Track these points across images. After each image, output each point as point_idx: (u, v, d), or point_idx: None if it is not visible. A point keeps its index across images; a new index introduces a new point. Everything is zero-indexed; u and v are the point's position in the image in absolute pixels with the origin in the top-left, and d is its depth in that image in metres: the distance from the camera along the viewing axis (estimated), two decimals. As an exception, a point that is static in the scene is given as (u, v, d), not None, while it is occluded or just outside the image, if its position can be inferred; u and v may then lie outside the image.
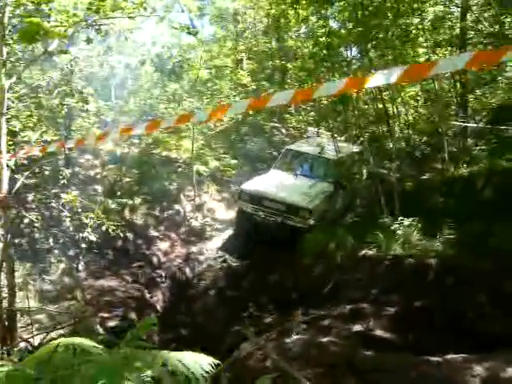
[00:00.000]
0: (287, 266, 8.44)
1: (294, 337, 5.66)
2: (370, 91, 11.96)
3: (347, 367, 4.45)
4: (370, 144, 10.09)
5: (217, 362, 2.08)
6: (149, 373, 1.76)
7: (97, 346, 1.97)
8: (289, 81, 14.65)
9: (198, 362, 1.96)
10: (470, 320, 5.44)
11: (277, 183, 10.06)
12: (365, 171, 9.99)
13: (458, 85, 11.84)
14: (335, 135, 11.13)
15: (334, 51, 9.89)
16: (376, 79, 2.82)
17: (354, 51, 10.58)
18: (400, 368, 4.38)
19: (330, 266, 7.69)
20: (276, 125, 15.72)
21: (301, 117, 15.65)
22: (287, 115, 15.73)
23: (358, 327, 5.86)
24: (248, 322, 6.92)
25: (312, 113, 14.96)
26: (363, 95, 12.15)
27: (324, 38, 9.95)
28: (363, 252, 7.46)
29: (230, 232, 10.74)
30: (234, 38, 15.25)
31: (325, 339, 5.47)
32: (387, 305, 6.08)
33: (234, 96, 13.48)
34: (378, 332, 5.70)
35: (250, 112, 13.65)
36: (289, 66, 14.32)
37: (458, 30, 11.02)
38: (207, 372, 1.95)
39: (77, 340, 1.96)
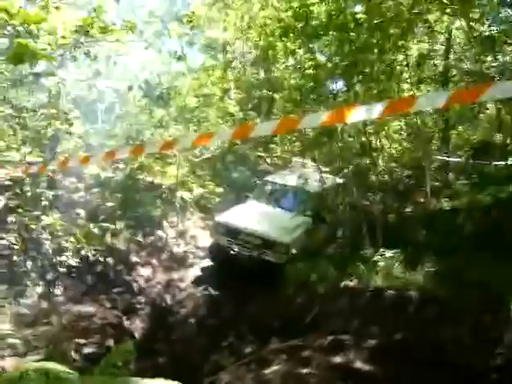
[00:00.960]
0: (268, 296, 8.38)
1: (274, 368, 5.60)
2: (354, 124, 12.13)
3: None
4: (353, 176, 10.17)
5: None
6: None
7: (70, 371, 1.93)
8: (275, 111, 14.79)
9: None
10: (450, 353, 5.41)
11: (253, 215, 9.91)
12: (346, 203, 10.04)
13: (441, 121, 12.07)
14: (320, 166, 11.21)
15: (321, 84, 10.05)
16: (359, 113, 2.87)
17: (340, 84, 10.74)
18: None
19: (312, 296, 7.66)
20: (261, 154, 15.80)
21: (286, 147, 15.76)
22: (273, 145, 15.84)
23: (338, 359, 5.81)
24: (227, 351, 6.83)
25: (297, 143, 15.06)
26: (348, 128, 12.29)
27: (311, 71, 10.13)
28: (345, 283, 7.45)
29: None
30: (223, 67, 15.41)
31: (304, 370, 5.41)
32: (368, 337, 6.05)
33: (221, 124, 13.57)
34: (358, 364, 5.65)
35: (236, 141, 13.75)
36: (276, 96, 14.48)
37: (441, 68, 11.28)
38: None
39: (49, 365, 1.91)
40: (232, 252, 9.45)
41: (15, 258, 8.43)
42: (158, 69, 12.79)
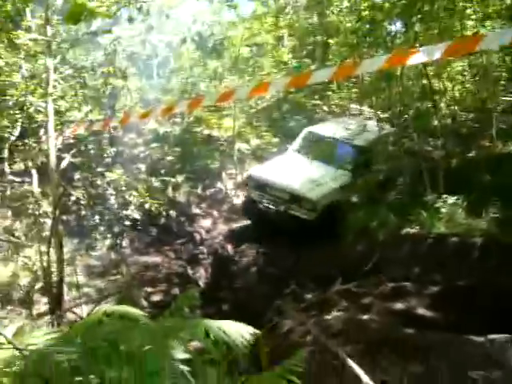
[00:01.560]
0: (328, 244, 8.41)
1: (335, 314, 5.67)
2: (414, 67, 11.67)
3: (388, 345, 4.42)
4: (414, 121, 9.86)
5: (257, 331, 2.12)
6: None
7: (142, 313, 2.05)
8: (330, 57, 14.41)
9: (239, 331, 2.01)
10: (515, 299, 5.30)
11: (287, 169, 9.58)
12: (406, 149, 9.75)
13: (508, 59, 11.40)
14: (378, 112, 10.93)
15: (378, 26, 9.66)
16: (419, 56, 2.76)
17: (399, 25, 10.29)
18: (442, 347, 4.33)
19: (372, 244, 7.63)
20: (318, 102, 15.53)
21: (343, 94, 15.40)
22: (329, 92, 15.51)
23: (399, 305, 5.81)
24: (289, 298, 6.96)
25: (355, 89, 14.69)
26: (407, 71, 11.86)
27: (367, 12, 9.75)
28: (406, 230, 7.36)
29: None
30: (275, 14, 15.04)
31: (365, 317, 5.45)
32: (430, 284, 5.99)
33: (276, 73, 13.37)
34: (420, 311, 5.63)
35: (292, 89, 13.56)
36: (331, 42, 14.07)
37: (508, 1, 10.55)
38: (247, 341, 2.01)
39: (123, 308, 2.04)
40: (261, 207, 9.31)
41: (83, 212, 8.85)
42: (210, 20, 12.67)
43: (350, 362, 3.13)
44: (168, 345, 1.70)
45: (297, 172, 9.43)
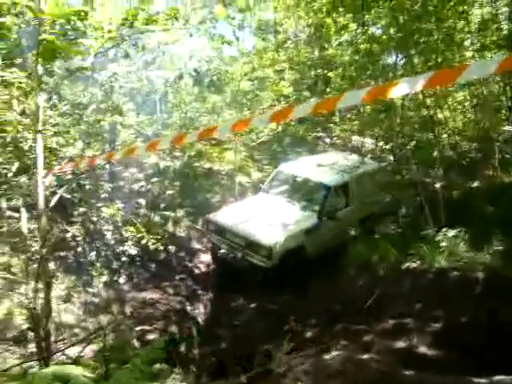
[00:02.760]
0: (329, 279, 8.25)
1: (334, 353, 5.49)
2: (414, 97, 11.68)
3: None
4: (415, 151, 9.78)
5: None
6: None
7: (87, 375, 1.90)
8: (329, 90, 14.45)
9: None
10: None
11: (248, 212, 9.10)
12: (406, 181, 9.63)
13: (508, 88, 11.38)
14: (380, 143, 10.88)
15: (375, 58, 9.70)
16: (401, 87, 2.68)
17: (399, 57, 10.33)
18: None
19: (373, 278, 7.46)
20: (319, 134, 15.55)
21: (345, 126, 15.43)
22: (331, 124, 15.54)
23: (400, 343, 5.64)
24: (288, 336, 6.76)
25: (356, 121, 14.70)
26: (408, 102, 11.87)
27: (364, 45, 9.79)
28: (407, 264, 7.19)
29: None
30: (275, 48, 15.22)
31: (365, 356, 5.27)
32: (431, 320, 5.82)
33: (276, 106, 13.41)
34: (422, 349, 5.46)
35: (292, 122, 13.58)
36: (331, 75, 14.15)
37: (505, 32, 10.58)
38: None
39: (61, 369, 1.90)
40: (221, 252, 8.98)
41: (79, 249, 8.74)
42: (209, 55, 12.80)
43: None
44: None
45: (258, 215, 8.95)
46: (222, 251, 8.95)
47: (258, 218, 8.85)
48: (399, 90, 2.66)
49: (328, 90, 14.30)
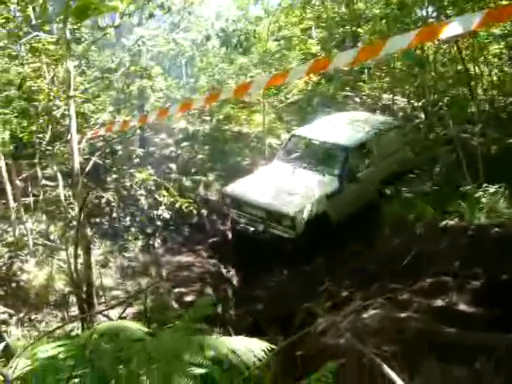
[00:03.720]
0: (364, 238, 8.17)
1: (371, 312, 5.46)
2: (448, 51, 11.29)
3: (428, 345, 4.19)
4: (449, 108, 9.49)
5: (273, 346, 1.90)
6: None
7: (144, 330, 1.89)
8: (360, 45, 14.03)
9: (251, 348, 1.79)
10: None
11: (266, 182, 8.74)
12: (442, 137, 9.37)
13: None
14: (411, 101, 10.61)
15: (408, 10, 9.35)
16: (453, 27, 2.50)
17: (430, 9, 9.93)
18: (488, 348, 4.06)
19: (409, 237, 7.35)
20: (349, 94, 15.22)
21: (375, 84, 15.04)
22: (360, 83, 15.18)
23: (439, 302, 5.55)
24: (324, 296, 6.76)
25: (387, 79, 14.31)
26: (441, 56, 11.50)
27: (396, -3, 9.46)
28: (444, 222, 7.04)
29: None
30: (302, 6, 14.77)
31: (403, 314, 5.22)
32: (471, 278, 5.70)
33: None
34: (462, 307, 5.36)
35: (322, 82, 13.30)
36: (359, 30, 13.73)
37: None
38: (260, 359, 1.77)
39: (121, 324, 1.90)
40: (239, 227, 8.58)
41: (115, 214, 8.87)
42: (235, 15, 12.53)
43: (387, 369, 2.91)
44: (166, 372, 1.52)
45: (275, 185, 8.60)
46: (242, 225, 8.56)
47: (276, 187, 8.50)
48: (451, 30, 2.48)
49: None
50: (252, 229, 8.27)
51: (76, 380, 1.56)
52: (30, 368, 1.70)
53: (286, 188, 8.38)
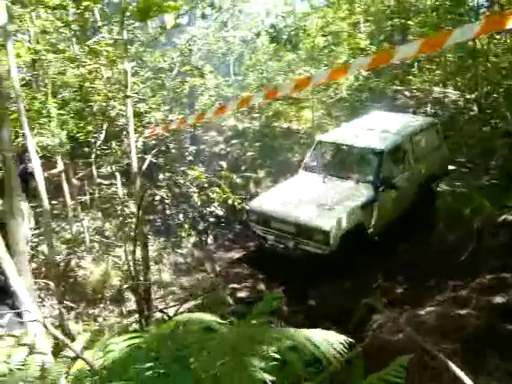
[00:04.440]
0: (419, 233, 8.02)
1: (428, 308, 5.37)
2: (502, 42, 10.97)
3: (490, 343, 4.09)
4: (505, 99, 9.20)
5: (350, 340, 1.87)
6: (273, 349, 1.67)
7: (219, 321, 1.93)
8: (411, 37, 13.78)
9: (328, 340, 1.78)
10: None
11: (293, 194, 8.01)
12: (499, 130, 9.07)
13: None
14: (464, 93, 10.34)
15: (460, 0, 9.14)
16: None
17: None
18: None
19: (466, 233, 7.17)
20: (398, 88, 14.96)
21: (425, 77, 14.73)
22: (410, 76, 14.89)
23: (499, 299, 5.40)
24: (378, 293, 6.69)
25: (438, 71, 13.99)
26: (494, 47, 11.16)
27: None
28: (503, 217, 6.84)
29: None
30: (349, 0, 14.61)
31: (462, 311, 5.11)
32: (533, 274, 5.52)
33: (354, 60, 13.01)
34: (524, 304, 5.19)
35: (371, 76, 13.15)
36: (410, 23, 13.47)
37: None
38: (339, 353, 1.75)
39: (198, 316, 1.94)
40: (267, 245, 7.83)
41: (168, 211, 9.05)
42: (283, 11, 12.51)
43: (452, 365, 2.86)
44: (248, 362, 1.54)
45: (305, 196, 7.87)
46: (270, 242, 7.80)
47: (305, 199, 7.78)
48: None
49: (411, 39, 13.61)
50: (282, 246, 7.61)
51: (161, 370, 1.61)
52: (112, 358, 1.77)
53: (316, 200, 7.67)
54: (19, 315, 2.48)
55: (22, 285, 2.26)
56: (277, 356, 1.59)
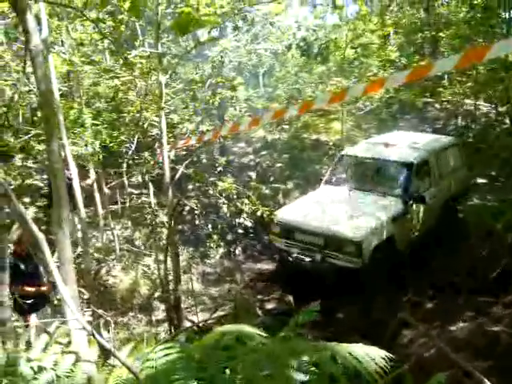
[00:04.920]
0: (449, 248, 7.91)
1: (460, 324, 5.31)
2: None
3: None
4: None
5: (390, 355, 1.85)
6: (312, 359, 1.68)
7: (260, 333, 1.94)
8: (442, 50, 13.71)
9: (370, 355, 1.77)
10: None
11: (319, 206, 7.74)
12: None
13: None
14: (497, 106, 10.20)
15: (493, 13, 9.07)
16: None
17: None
18: None
19: (498, 248, 7.05)
20: (429, 100, 14.85)
21: (456, 89, 14.58)
22: (440, 89, 14.76)
23: (533, 316, 5.31)
24: (408, 307, 6.62)
25: (469, 83, 13.84)
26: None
27: (480, 0, 9.20)
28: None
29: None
30: (380, 13, 14.62)
31: (495, 328, 5.04)
32: None
33: (384, 73, 12.97)
34: (558, 322, 5.10)
35: (401, 88, 13.08)
36: (441, 35, 13.39)
37: None
38: (382, 368, 1.74)
39: (238, 327, 1.96)
40: (291, 258, 7.39)
41: (197, 222, 9.13)
42: (314, 24, 12.57)
43: (488, 383, 2.83)
44: (289, 374, 1.55)
45: (331, 208, 7.59)
46: (295, 255, 7.38)
47: (331, 211, 7.50)
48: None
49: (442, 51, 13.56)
50: (308, 259, 7.18)
51: (207, 380, 1.64)
52: (152, 367, 1.81)
53: (344, 212, 7.41)
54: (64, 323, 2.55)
55: (68, 293, 2.32)
56: (317, 370, 1.61)
